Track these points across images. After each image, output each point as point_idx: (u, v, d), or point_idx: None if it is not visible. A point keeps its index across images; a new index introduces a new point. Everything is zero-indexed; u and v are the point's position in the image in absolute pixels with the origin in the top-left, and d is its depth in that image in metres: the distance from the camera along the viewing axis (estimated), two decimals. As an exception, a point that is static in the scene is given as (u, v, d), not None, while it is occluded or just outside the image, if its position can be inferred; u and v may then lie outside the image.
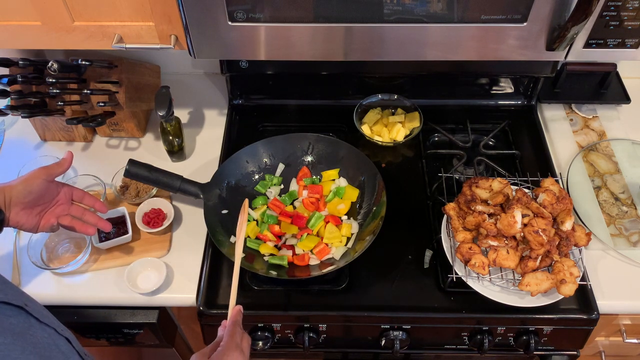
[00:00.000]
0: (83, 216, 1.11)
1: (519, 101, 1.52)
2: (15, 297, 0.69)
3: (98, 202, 1.14)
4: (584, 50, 1.02)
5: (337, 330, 1.19)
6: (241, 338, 0.93)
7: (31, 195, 1.04)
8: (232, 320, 0.95)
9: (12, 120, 1.51)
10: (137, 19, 1.03)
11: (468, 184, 1.18)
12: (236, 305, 0.98)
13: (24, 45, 1.09)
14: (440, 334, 1.20)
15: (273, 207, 1.27)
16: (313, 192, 1.28)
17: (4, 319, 0.66)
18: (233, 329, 0.93)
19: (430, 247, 1.24)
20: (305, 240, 1.19)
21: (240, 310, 0.98)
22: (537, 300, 1.09)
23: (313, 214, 1.23)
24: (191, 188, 1.23)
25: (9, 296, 0.68)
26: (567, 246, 1.10)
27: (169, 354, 1.43)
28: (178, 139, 1.36)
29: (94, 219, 1.12)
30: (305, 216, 1.23)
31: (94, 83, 1.29)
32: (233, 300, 0.99)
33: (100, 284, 1.19)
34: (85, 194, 1.14)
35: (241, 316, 0.97)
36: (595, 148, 1.41)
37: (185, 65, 1.60)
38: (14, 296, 0.69)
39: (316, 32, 0.98)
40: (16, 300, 0.69)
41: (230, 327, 0.93)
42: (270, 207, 1.27)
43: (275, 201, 1.28)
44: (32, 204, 1.05)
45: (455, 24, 0.96)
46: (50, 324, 0.71)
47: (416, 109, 1.44)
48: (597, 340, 1.42)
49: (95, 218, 1.12)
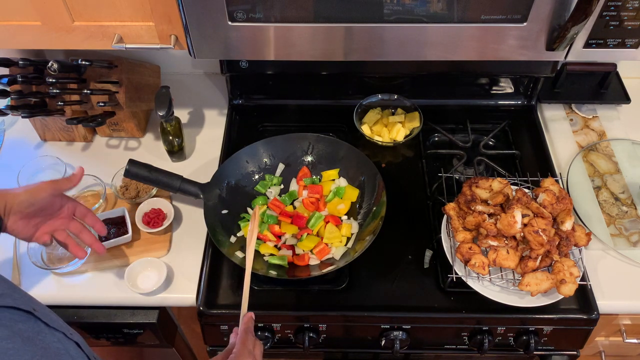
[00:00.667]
0: (80, 234, 1.08)
1: (519, 101, 1.52)
2: (23, 302, 0.68)
3: (99, 223, 1.11)
4: (584, 50, 1.02)
5: (337, 330, 1.19)
6: (253, 345, 0.93)
7: (33, 207, 1.01)
8: (243, 327, 0.94)
9: (12, 120, 1.51)
10: (137, 19, 1.03)
11: (468, 184, 1.18)
12: (248, 312, 0.98)
13: (24, 45, 1.09)
14: (440, 334, 1.20)
15: (273, 207, 1.27)
16: (313, 192, 1.28)
17: (13, 324, 0.65)
18: (245, 336, 0.93)
19: (430, 247, 1.24)
20: (305, 241, 1.19)
21: (252, 317, 0.97)
22: (537, 300, 1.09)
23: (313, 214, 1.23)
24: (191, 188, 1.23)
25: (17, 301, 0.68)
26: (567, 246, 1.10)
27: (170, 354, 1.43)
28: (178, 139, 1.36)
29: (90, 239, 1.09)
30: (305, 216, 1.23)
31: (94, 83, 1.29)
32: (245, 307, 0.99)
33: (100, 284, 1.19)
34: (89, 213, 1.11)
35: (253, 323, 0.97)
36: (595, 148, 1.41)
37: (185, 65, 1.60)
38: (22, 301, 0.68)
39: (316, 32, 0.98)
40: (25, 305, 0.68)
41: (242, 335, 0.93)
42: (270, 207, 1.27)
43: (275, 201, 1.28)
44: (31, 215, 1.02)
45: (455, 24, 0.96)
46: (60, 328, 0.71)
47: (416, 109, 1.44)
48: (597, 340, 1.42)
49: (92, 239, 1.09)
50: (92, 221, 1.11)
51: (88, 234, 1.10)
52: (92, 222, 1.11)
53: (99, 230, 1.12)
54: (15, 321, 0.66)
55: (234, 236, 1.21)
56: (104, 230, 1.12)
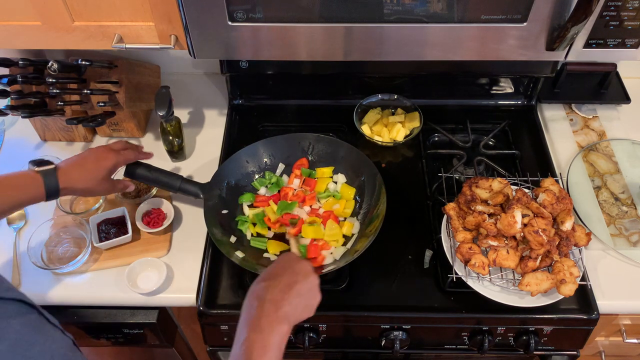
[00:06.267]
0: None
1: (519, 101, 1.52)
2: (27, 299, 0.72)
3: (142, 153, 1.22)
4: (584, 50, 1.02)
5: (337, 330, 1.19)
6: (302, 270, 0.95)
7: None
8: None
9: (12, 120, 1.51)
10: (137, 19, 1.03)
11: (468, 184, 1.18)
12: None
13: (24, 45, 1.09)
14: (440, 334, 1.20)
15: (259, 205, 1.27)
16: (306, 185, 1.28)
17: (23, 315, 0.69)
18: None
19: (430, 247, 1.24)
20: (309, 227, 1.19)
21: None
22: (537, 300, 1.09)
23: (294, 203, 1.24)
24: (191, 188, 1.23)
25: (23, 296, 0.71)
26: (567, 246, 1.10)
27: (170, 354, 1.43)
28: (178, 139, 1.36)
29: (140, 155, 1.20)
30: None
31: (94, 83, 1.29)
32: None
33: (100, 284, 1.19)
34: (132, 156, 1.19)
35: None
36: (595, 148, 1.41)
37: (185, 65, 1.60)
38: (25, 297, 0.72)
39: (316, 32, 0.98)
40: (29, 300, 0.72)
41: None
42: (256, 206, 1.27)
43: (260, 197, 1.28)
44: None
45: (455, 24, 0.96)
46: (57, 325, 0.74)
47: (416, 109, 1.44)
48: (597, 340, 1.42)
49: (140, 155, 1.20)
50: (135, 156, 1.19)
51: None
52: (135, 157, 1.19)
53: (145, 157, 1.21)
54: (23, 313, 0.69)
55: (234, 236, 1.22)
56: (149, 154, 1.23)
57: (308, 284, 0.93)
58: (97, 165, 1.09)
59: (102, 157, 1.10)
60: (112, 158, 1.11)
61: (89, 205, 1.30)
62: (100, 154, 1.11)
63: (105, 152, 1.11)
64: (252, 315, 0.85)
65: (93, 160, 1.09)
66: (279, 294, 0.88)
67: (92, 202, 1.30)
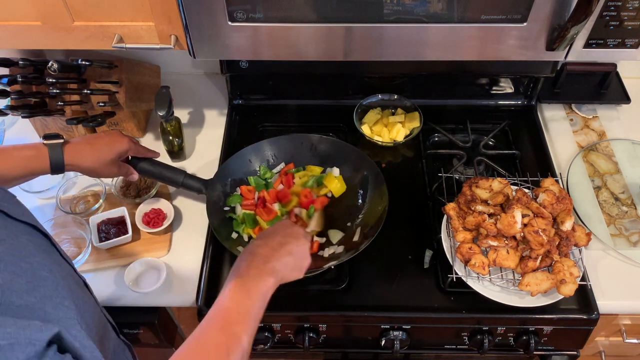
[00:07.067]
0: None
1: (519, 101, 1.52)
2: (42, 227, 0.73)
3: (150, 151, 1.23)
4: (584, 50, 1.02)
5: (337, 330, 1.19)
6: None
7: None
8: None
9: (12, 120, 1.51)
10: (137, 19, 1.03)
11: (468, 184, 1.18)
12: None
13: (24, 45, 1.09)
14: (440, 334, 1.20)
15: (247, 208, 1.25)
16: (284, 183, 1.28)
17: (33, 236, 0.68)
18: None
19: (430, 247, 1.24)
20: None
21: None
22: (537, 300, 1.09)
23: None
24: (194, 183, 1.23)
25: (38, 223, 0.72)
26: (567, 246, 1.10)
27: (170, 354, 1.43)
28: (178, 139, 1.36)
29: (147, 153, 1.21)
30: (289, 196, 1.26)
31: (94, 83, 1.29)
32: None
33: (100, 284, 1.19)
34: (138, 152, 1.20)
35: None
36: (595, 148, 1.41)
37: (185, 65, 1.60)
38: (40, 225, 0.73)
39: (316, 32, 0.98)
40: (43, 229, 0.72)
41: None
42: (244, 208, 1.25)
43: (247, 201, 1.26)
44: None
45: (456, 24, 0.96)
46: (71, 263, 0.75)
47: (416, 109, 1.44)
48: (597, 340, 1.42)
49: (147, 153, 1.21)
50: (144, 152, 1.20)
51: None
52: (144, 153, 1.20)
53: (152, 155, 1.22)
54: (34, 235, 0.68)
55: (235, 232, 1.22)
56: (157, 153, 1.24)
57: (299, 246, 0.96)
58: (110, 147, 1.10)
59: (117, 139, 1.11)
60: (126, 143, 1.12)
61: (89, 205, 1.30)
62: (114, 137, 1.12)
63: (120, 136, 1.13)
64: (241, 267, 0.88)
65: (106, 142, 1.10)
66: (269, 250, 0.91)
67: (92, 202, 1.31)
